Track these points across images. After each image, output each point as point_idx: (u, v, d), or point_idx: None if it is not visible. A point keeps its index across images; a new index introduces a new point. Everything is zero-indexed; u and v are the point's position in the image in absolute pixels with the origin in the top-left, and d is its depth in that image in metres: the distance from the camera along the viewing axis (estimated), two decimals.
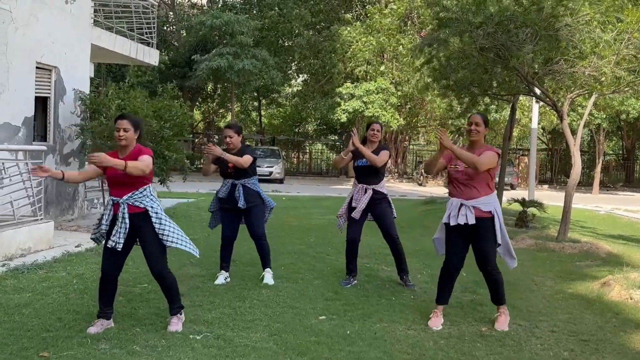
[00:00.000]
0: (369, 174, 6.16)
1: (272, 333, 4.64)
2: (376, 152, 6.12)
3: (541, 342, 4.70)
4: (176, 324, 4.65)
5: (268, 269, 6.29)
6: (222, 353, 4.18)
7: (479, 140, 4.97)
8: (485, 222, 4.86)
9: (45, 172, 4.37)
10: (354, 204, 6.18)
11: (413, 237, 9.20)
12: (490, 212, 4.86)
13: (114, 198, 4.49)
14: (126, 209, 4.42)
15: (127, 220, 4.41)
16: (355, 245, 6.28)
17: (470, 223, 4.79)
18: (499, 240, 4.93)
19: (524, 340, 4.71)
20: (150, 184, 4.57)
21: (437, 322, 4.96)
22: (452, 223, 4.85)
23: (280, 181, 25.88)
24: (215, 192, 6.33)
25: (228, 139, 6.00)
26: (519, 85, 10.34)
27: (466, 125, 4.99)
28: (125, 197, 4.42)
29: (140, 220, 4.46)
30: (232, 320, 4.90)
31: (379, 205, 6.19)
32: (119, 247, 4.42)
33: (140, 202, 4.45)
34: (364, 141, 6.29)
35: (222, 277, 6.18)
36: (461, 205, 4.84)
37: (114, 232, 4.45)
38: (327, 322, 5.00)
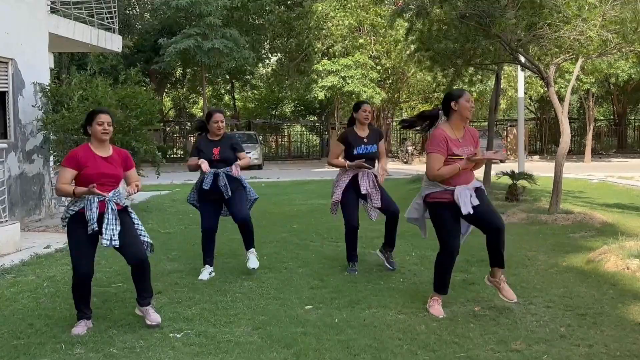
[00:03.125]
0: (368, 161, 5.92)
1: (257, 326, 4.44)
2: (371, 136, 5.95)
3: (537, 318, 4.55)
4: (155, 313, 4.51)
5: (252, 249, 6.02)
6: (204, 350, 3.99)
7: None
8: (480, 191, 4.68)
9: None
10: (363, 191, 5.85)
11: (400, 218, 8.84)
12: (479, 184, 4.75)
13: (99, 196, 4.33)
14: (115, 206, 4.37)
15: (118, 217, 4.36)
16: (356, 230, 6.02)
17: (474, 204, 4.57)
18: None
19: (518, 318, 4.55)
20: (122, 184, 4.62)
21: (440, 309, 4.70)
22: (470, 212, 4.53)
23: (259, 167, 25.51)
24: (193, 183, 6.04)
25: (220, 124, 5.79)
26: (503, 54, 10.12)
27: (469, 105, 4.64)
28: (111, 194, 4.37)
29: (122, 217, 4.44)
30: (213, 316, 4.69)
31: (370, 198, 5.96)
32: (116, 243, 4.32)
33: (120, 200, 4.45)
34: (352, 122, 6.04)
35: (206, 272, 5.93)
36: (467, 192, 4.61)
37: (105, 231, 4.31)
38: (313, 311, 4.80)
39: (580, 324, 4.40)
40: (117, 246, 4.35)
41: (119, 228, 4.34)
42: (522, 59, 10.38)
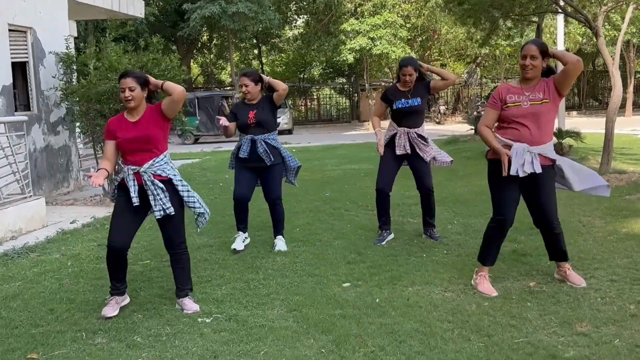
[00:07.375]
0: (410, 116, 5.55)
1: (291, 308, 4.10)
2: (415, 90, 5.55)
3: (601, 294, 4.08)
4: (191, 303, 4.18)
5: (280, 236, 5.68)
6: (235, 338, 3.65)
7: (536, 76, 4.14)
8: (548, 171, 4.16)
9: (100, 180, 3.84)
10: (398, 152, 5.54)
11: (438, 182, 8.28)
12: (554, 160, 4.19)
13: (133, 167, 3.98)
14: (152, 177, 3.98)
15: (160, 185, 3.97)
16: (385, 194, 5.68)
17: (537, 172, 4.05)
18: (576, 186, 4.24)
19: (580, 295, 4.09)
20: (167, 152, 4.10)
21: (490, 286, 4.26)
22: (522, 174, 4.05)
23: (289, 132, 25.11)
24: (231, 151, 5.67)
25: (244, 88, 5.38)
26: (546, 3, 9.36)
27: (519, 60, 4.15)
28: (146, 166, 3.98)
29: (169, 190, 4.05)
30: (245, 297, 4.36)
31: (420, 152, 5.57)
32: (171, 211, 3.97)
33: (163, 171, 4.02)
34: (397, 79, 5.66)
35: (240, 240, 5.60)
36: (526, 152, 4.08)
37: (154, 203, 3.96)
38: (352, 289, 4.43)
39: None
40: (172, 213, 3.99)
41: (167, 197, 3.98)
42: (568, 8, 9.63)
